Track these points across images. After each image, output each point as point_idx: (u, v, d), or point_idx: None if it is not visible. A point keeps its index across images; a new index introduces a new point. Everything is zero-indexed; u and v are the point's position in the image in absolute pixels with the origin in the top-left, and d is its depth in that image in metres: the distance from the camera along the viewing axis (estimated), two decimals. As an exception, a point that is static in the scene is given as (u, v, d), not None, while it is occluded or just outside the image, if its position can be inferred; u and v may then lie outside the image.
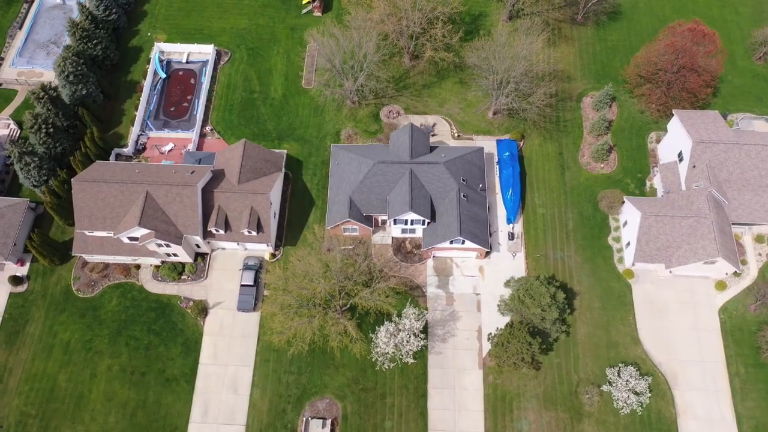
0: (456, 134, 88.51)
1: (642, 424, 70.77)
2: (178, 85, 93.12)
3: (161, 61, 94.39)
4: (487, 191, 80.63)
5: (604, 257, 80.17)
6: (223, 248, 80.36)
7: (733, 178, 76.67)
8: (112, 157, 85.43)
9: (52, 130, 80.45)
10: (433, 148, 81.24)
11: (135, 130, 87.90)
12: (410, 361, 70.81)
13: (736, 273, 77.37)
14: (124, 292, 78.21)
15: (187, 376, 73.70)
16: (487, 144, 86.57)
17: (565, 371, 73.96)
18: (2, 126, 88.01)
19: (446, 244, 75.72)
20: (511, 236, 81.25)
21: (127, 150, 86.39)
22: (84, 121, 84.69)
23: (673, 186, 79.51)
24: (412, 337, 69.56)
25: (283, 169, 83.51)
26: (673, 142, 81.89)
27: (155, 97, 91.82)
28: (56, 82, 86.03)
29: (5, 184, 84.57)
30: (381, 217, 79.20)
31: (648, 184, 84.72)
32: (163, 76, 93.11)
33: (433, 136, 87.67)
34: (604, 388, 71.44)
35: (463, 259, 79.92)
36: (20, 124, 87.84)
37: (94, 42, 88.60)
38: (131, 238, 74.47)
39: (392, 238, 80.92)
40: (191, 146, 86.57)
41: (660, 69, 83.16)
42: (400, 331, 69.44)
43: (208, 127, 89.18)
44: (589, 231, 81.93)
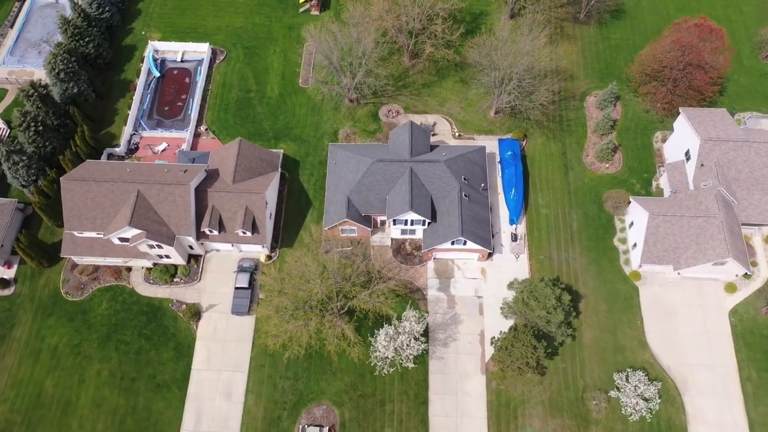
0: (457, 134, 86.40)
1: (651, 431, 68.14)
2: (173, 84, 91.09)
3: (155, 59, 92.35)
4: (488, 191, 78.37)
5: (610, 259, 77.84)
6: (218, 250, 77.96)
7: (743, 177, 74.52)
8: (103, 157, 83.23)
9: (42, 129, 78.18)
10: (434, 147, 79.09)
11: (127, 130, 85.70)
12: (410, 366, 68.25)
13: (746, 275, 75.00)
14: (114, 295, 75.69)
15: (178, 382, 71.06)
16: (489, 143, 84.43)
17: (571, 376, 71.42)
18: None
19: (447, 245, 73.34)
20: (514, 237, 78.93)
21: (120, 150, 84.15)
22: (75, 120, 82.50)
23: (681, 186, 77.33)
24: (413, 340, 67.04)
25: (280, 169, 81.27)
26: (680, 140, 79.83)
27: (149, 96, 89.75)
28: (47, 80, 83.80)
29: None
30: (380, 218, 76.86)
31: (654, 184, 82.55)
32: (157, 74, 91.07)
33: (433, 135, 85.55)
34: (612, 393, 68.92)
35: (464, 261, 77.53)
36: (9, 124, 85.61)
37: (87, 40, 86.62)
38: (122, 239, 72.06)
39: (391, 239, 78.58)
40: (185, 146, 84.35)
41: (666, 66, 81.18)
42: (400, 334, 66.91)
43: (202, 127, 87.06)
44: (594, 232, 79.64)
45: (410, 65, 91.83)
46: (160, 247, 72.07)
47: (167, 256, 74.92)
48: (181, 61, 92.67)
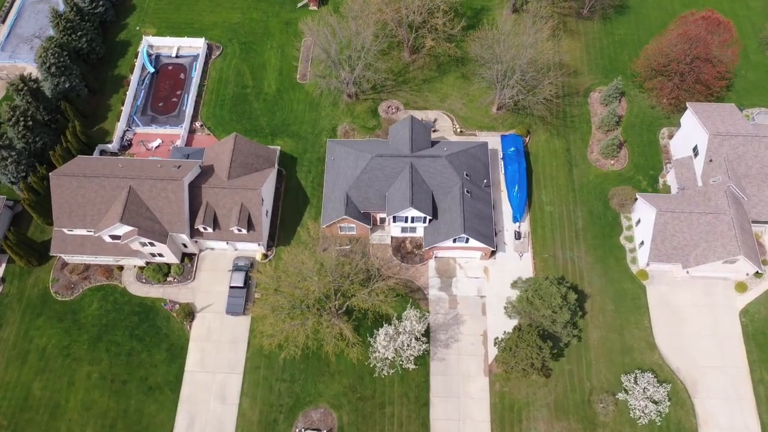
0: (458, 130, 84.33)
1: (661, 435, 65.93)
2: (167, 79, 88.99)
3: (150, 55, 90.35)
4: (491, 188, 76.16)
5: (616, 257, 75.61)
6: (212, 248, 75.69)
7: (753, 173, 72.35)
8: (96, 154, 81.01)
9: (32, 124, 75.98)
10: (435, 143, 76.98)
11: (120, 126, 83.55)
12: (411, 367, 65.88)
13: (757, 273, 72.72)
14: (105, 294, 73.36)
15: (171, 384, 68.65)
16: (491, 140, 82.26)
17: (577, 378, 69.05)
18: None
19: (449, 243, 71.13)
20: (518, 235, 76.72)
21: (112, 146, 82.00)
22: (66, 115, 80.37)
23: (689, 182, 75.17)
24: (413, 340, 64.66)
25: (277, 166, 79.12)
26: (687, 136, 77.72)
27: (143, 92, 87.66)
28: (37, 74, 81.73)
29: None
30: (379, 215, 74.64)
31: (661, 181, 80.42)
32: (152, 70, 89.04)
33: (434, 131, 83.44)
34: (620, 396, 66.57)
35: (466, 260, 75.28)
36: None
37: (79, 34, 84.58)
38: (113, 237, 69.77)
39: (391, 237, 76.34)
40: (179, 142, 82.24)
41: (672, 60, 79.05)
42: (401, 333, 64.54)
43: (197, 123, 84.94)
44: (600, 230, 77.44)
45: (410, 61, 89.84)
46: (152, 245, 69.79)
47: (160, 255, 72.64)
48: (176, 57, 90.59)
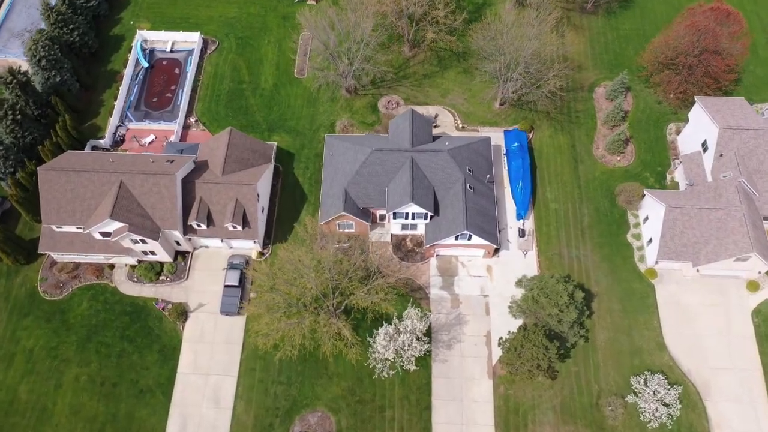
0: (460, 125, 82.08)
1: (672, 439, 63.39)
2: (162, 74, 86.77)
3: (144, 50, 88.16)
4: (494, 185, 73.82)
5: (624, 256, 73.22)
6: (206, 246, 73.29)
7: (765, 168, 70.06)
8: (87, 150, 78.56)
9: (21, 118, 73.67)
10: (436, 137, 74.74)
11: (113, 121, 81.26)
12: (412, 368, 63.34)
13: (770, 272, 70.52)
14: (95, 294, 70.90)
15: (163, 387, 66.11)
16: (494, 136, 79.92)
17: (584, 380, 66.54)
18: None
19: (451, 241, 68.78)
20: (522, 233, 74.34)
21: (104, 141, 79.68)
22: (57, 110, 78.09)
23: (698, 178, 72.88)
24: (414, 340, 62.13)
25: (273, 162, 76.81)
26: (696, 131, 75.50)
27: (136, 87, 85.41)
28: (27, 68, 79.50)
29: (-31, 178, 77.67)
30: (379, 212, 72.28)
31: (669, 177, 78.11)
32: (146, 65, 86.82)
33: (435, 127, 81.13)
34: (629, 398, 64.11)
35: (469, 258, 72.88)
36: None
37: (71, 27, 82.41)
38: (103, 234, 67.39)
39: (391, 235, 73.94)
40: (173, 138, 79.92)
41: (680, 53, 76.87)
42: (401, 333, 62.03)
43: (192, 118, 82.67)
44: (607, 227, 75.08)
45: (410, 55, 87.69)
46: (144, 242, 67.41)
47: (152, 253, 70.22)
48: (171, 52, 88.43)
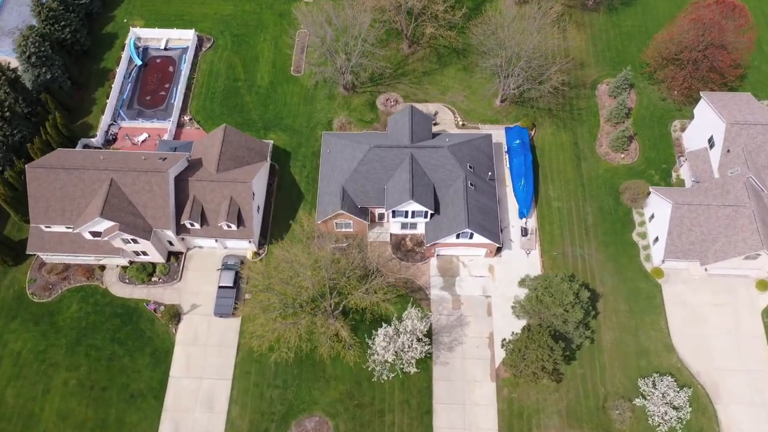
0: (460, 123, 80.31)
1: (682, 443, 61.21)
2: (155, 72, 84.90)
3: (137, 47, 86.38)
4: (496, 183, 71.97)
5: (629, 255, 71.30)
6: (200, 247, 71.25)
7: (773, 164, 68.40)
8: (78, 148, 76.67)
9: (9, 116, 71.77)
10: (436, 135, 72.94)
11: (105, 120, 79.38)
12: (412, 371, 61.16)
13: (780, 270, 68.58)
14: (85, 296, 68.79)
15: (155, 391, 63.91)
16: (495, 134, 78.02)
17: (590, 383, 64.43)
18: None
19: (452, 239, 66.83)
20: (525, 232, 72.42)
21: (96, 140, 77.71)
22: (48, 107, 76.22)
23: (704, 175, 71.11)
24: (415, 341, 60.02)
25: (269, 160, 74.92)
26: (702, 127, 73.76)
27: (129, 85, 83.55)
28: (17, 65, 77.68)
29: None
30: (378, 211, 70.35)
31: (674, 175, 76.33)
32: (139, 63, 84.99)
33: (435, 125, 79.32)
34: (637, 402, 62.00)
35: (470, 258, 70.91)
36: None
37: (62, 24, 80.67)
38: (93, 233, 65.35)
39: (390, 234, 71.97)
40: (167, 136, 78.04)
41: (685, 47, 75.18)
42: (401, 334, 59.91)
43: (186, 117, 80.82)
44: (611, 226, 73.19)
45: (409, 53, 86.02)
46: (135, 241, 65.37)
47: (144, 253, 68.17)
48: (165, 49, 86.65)
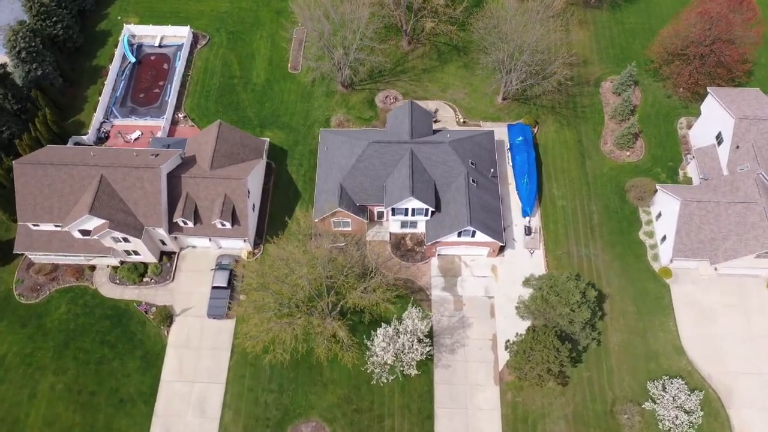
0: (461, 120, 78.40)
1: (694, 449, 58.77)
2: (149, 70, 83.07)
3: (131, 44, 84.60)
4: (498, 181, 69.94)
5: (636, 254, 69.17)
6: (194, 246, 69.07)
7: (784, 160, 66.42)
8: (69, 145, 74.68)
9: (-2, 112, 70.02)
10: (436, 131, 70.98)
11: (97, 117, 77.42)
12: (413, 373, 58.84)
13: (792, 270, 66.44)
14: (74, 297, 66.50)
15: (145, 396, 61.49)
16: (497, 131, 75.89)
17: (597, 387, 62.10)
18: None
19: (453, 238, 64.68)
20: (528, 231, 70.30)
21: (88, 138, 75.70)
22: (38, 104, 74.26)
23: (713, 172, 69.16)
24: (416, 342, 57.70)
25: (265, 158, 72.90)
26: (709, 123, 71.83)
27: (123, 82, 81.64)
28: (6, 61, 75.80)
29: (-56, 177, 73.50)
30: (377, 209, 68.26)
31: (681, 172, 74.35)
32: (133, 60, 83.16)
33: (436, 122, 77.41)
34: (646, 405, 59.64)
35: (472, 257, 68.73)
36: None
37: (54, 20, 78.88)
38: (83, 232, 63.16)
39: (390, 233, 69.84)
40: (160, 134, 76.07)
41: (691, 42, 73.42)
42: (401, 334, 57.61)
43: (180, 114, 78.86)
44: (617, 225, 71.11)
45: (409, 49, 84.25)
46: (126, 240, 63.19)
47: (136, 253, 65.96)
48: (159, 46, 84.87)
